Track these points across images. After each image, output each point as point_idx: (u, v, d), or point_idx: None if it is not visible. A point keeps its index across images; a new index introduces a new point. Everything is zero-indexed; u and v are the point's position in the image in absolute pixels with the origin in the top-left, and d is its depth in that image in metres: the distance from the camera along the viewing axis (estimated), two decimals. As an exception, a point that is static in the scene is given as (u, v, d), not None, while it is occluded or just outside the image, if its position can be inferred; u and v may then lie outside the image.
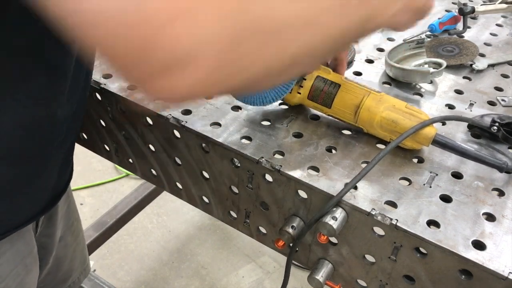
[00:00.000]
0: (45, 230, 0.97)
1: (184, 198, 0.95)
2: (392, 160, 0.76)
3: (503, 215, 0.68)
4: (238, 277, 2.07)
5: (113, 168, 2.58)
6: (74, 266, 1.17)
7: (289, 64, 0.45)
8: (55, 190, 0.87)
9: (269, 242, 0.85)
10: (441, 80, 0.98)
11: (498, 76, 1.00)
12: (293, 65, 0.46)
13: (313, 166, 0.74)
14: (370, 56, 1.05)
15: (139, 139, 0.92)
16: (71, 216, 1.10)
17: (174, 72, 0.38)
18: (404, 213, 0.67)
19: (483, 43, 1.11)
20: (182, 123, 0.82)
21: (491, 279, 0.61)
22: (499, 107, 0.91)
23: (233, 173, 0.80)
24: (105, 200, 2.41)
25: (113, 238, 1.93)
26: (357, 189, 0.71)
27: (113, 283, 1.88)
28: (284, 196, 0.76)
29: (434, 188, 0.72)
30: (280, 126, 0.83)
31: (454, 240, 0.63)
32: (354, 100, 0.78)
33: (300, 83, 0.81)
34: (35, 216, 0.84)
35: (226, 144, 0.78)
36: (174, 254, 2.16)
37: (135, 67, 0.38)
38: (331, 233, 0.68)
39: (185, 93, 0.40)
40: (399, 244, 0.67)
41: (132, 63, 0.38)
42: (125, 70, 0.39)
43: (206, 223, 2.30)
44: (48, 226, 0.97)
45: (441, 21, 1.15)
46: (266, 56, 0.42)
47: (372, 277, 0.74)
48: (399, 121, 0.75)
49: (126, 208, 1.90)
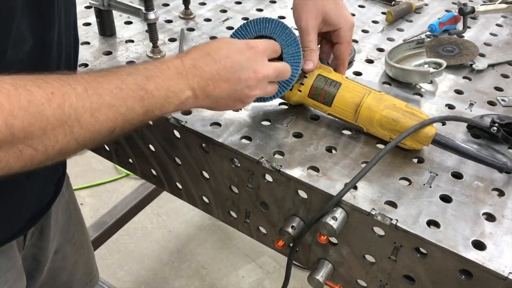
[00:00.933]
0: (36, 242, 0.95)
1: (184, 198, 0.95)
2: (392, 160, 0.76)
3: (503, 215, 0.68)
4: (238, 277, 2.07)
5: (113, 168, 2.58)
6: (76, 278, 1.16)
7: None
8: (38, 207, 0.84)
9: (269, 242, 0.85)
10: (441, 80, 0.98)
11: (498, 76, 1.00)
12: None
13: (313, 166, 0.74)
14: (370, 56, 1.05)
15: (139, 139, 0.92)
16: (72, 228, 1.08)
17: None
18: (404, 213, 0.67)
19: (483, 43, 1.11)
20: (182, 123, 0.82)
21: (491, 279, 0.61)
22: (499, 107, 0.91)
23: (233, 173, 0.80)
24: (105, 200, 2.41)
25: (113, 238, 1.93)
26: (357, 189, 0.70)
27: (113, 283, 1.88)
28: (284, 196, 0.76)
29: (434, 188, 0.72)
30: (280, 126, 0.83)
31: (454, 240, 0.63)
32: (355, 99, 0.78)
33: (301, 81, 0.81)
34: (14, 235, 0.82)
35: (226, 144, 0.78)
36: (174, 254, 2.16)
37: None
38: (331, 233, 0.68)
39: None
40: (399, 244, 0.67)
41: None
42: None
43: (206, 223, 2.30)
44: (40, 239, 0.96)
45: (441, 21, 1.15)
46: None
47: (372, 277, 0.74)
48: (399, 120, 0.75)
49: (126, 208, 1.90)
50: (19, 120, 0.48)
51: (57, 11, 0.68)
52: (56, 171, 0.88)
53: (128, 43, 1.04)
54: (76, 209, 1.11)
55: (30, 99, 0.49)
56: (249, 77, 0.68)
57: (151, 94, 0.60)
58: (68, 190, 1.06)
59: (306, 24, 0.81)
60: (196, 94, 0.65)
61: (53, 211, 0.96)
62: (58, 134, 0.52)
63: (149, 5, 0.94)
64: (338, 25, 0.82)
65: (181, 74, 0.64)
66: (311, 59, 0.79)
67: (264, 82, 0.71)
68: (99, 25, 1.05)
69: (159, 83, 0.62)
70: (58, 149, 0.53)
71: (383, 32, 1.15)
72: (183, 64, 0.65)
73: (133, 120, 0.59)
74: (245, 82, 0.68)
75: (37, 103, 0.50)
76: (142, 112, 0.60)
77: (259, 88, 0.70)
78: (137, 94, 0.59)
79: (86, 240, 1.19)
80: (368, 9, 1.25)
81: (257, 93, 0.70)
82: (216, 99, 0.67)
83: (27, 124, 0.49)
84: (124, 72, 0.60)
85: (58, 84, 0.53)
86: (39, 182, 0.81)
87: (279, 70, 0.73)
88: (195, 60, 0.66)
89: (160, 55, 0.99)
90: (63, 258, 1.08)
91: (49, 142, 0.51)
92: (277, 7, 1.23)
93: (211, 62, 0.66)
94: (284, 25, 0.78)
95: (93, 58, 0.99)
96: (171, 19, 1.14)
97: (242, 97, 0.69)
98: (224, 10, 1.19)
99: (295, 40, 0.77)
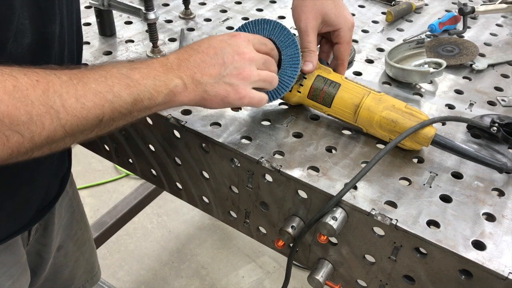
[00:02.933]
0: (40, 238, 0.96)
1: (184, 198, 0.95)
2: (392, 160, 0.76)
3: (503, 215, 0.68)
4: (238, 277, 2.07)
5: (113, 168, 2.58)
6: (77, 275, 1.16)
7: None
8: (43, 203, 0.85)
9: (269, 242, 0.85)
10: (441, 80, 0.98)
11: (498, 76, 1.00)
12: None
13: (313, 166, 0.74)
14: (370, 56, 1.05)
15: (139, 139, 0.92)
16: (75, 225, 1.09)
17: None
18: (404, 213, 0.67)
19: (483, 43, 1.11)
20: (182, 123, 0.82)
21: (491, 279, 0.61)
22: (499, 107, 0.90)
23: (233, 173, 0.80)
24: (105, 200, 2.41)
25: (113, 238, 1.93)
26: (357, 189, 0.70)
27: (113, 283, 1.89)
28: (284, 196, 0.76)
29: (434, 188, 0.72)
30: (280, 126, 0.83)
31: (454, 240, 0.63)
32: (354, 100, 0.78)
33: (300, 82, 0.81)
34: (20, 230, 0.82)
35: (226, 144, 0.78)
36: (174, 254, 2.16)
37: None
38: (331, 233, 0.68)
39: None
40: (399, 244, 0.67)
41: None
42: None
43: (206, 223, 2.30)
44: (44, 235, 0.97)
45: (441, 21, 1.15)
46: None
47: (372, 277, 0.74)
48: (398, 121, 0.75)
49: (126, 208, 1.90)
50: (3, 104, 0.48)
51: (58, 6, 0.68)
52: (62, 167, 0.89)
53: (128, 43, 1.04)
54: (79, 207, 1.12)
55: (15, 84, 0.49)
56: (233, 59, 0.68)
57: (137, 82, 0.60)
58: (72, 187, 1.07)
59: (305, 25, 0.81)
60: (185, 83, 0.65)
61: (57, 208, 0.98)
62: (44, 119, 0.51)
63: (149, 5, 0.94)
64: (338, 26, 0.82)
65: (166, 66, 0.65)
66: (310, 60, 0.79)
67: (252, 65, 0.69)
68: (99, 25, 1.05)
69: (144, 72, 0.62)
70: (45, 136, 0.52)
71: (383, 32, 1.15)
72: (168, 59, 0.66)
73: (121, 109, 0.59)
74: (231, 64, 0.67)
75: (22, 88, 0.50)
76: (130, 100, 0.60)
77: (248, 69, 0.69)
78: (123, 81, 0.59)
79: (89, 238, 1.19)
80: (368, 9, 1.25)
81: (247, 73, 0.69)
82: (206, 88, 0.67)
83: (12, 108, 0.49)
84: (109, 66, 0.61)
85: (44, 73, 0.53)
86: (46, 177, 0.82)
87: (266, 64, 0.72)
88: (178, 54, 0.67)
89: (160, 55, 0.99)
90: (65, 254, 1.08)
91: (35, 128, 0.51)
92: (277, 7, 1.23)
93: (194, 53, 0.67)
94: (283, 26, 0.78)
95: (93, 58, 0.99)
96: (171, 19, 1.14)
97: (232, 82, 0.68)
98: (224, 10, 1.19)
99: (294, 41, 0.77)
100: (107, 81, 0.58)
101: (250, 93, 0.69)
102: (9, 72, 0.50)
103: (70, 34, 0.74)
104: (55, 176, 0.87)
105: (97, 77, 0.57)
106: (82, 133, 0.56)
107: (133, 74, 0.61)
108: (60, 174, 0.89)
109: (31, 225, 0.87)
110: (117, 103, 0.58)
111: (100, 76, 0.58)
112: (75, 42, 0.78)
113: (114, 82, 0.58)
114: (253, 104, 0.71)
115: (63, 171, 0.90)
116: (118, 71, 0.60)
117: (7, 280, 0.82)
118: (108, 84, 0.58)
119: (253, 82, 0.70)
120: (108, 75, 0.59)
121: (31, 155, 0.53)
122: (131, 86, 0.60)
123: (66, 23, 0.72)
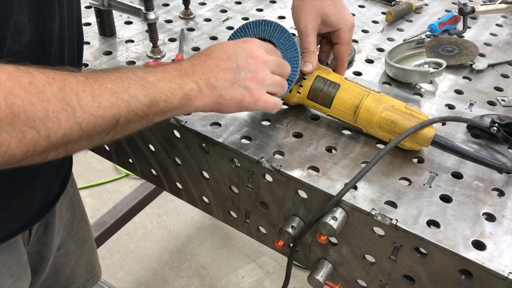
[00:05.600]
0: (41, 237, 0.96)
1: (184, 198, 0.95)
2: (392, 160, 0.76)
3: (503, 215, 0.68)
4: (238, 277, 2.07)
5: (113, 168, 2.58)
6: (77, 274, 1.16)
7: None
8: (44, 202, 0.85)
9: (269, 242, 0.85)
10: (441, 80, 0.98)
11: (498, 76, 1.00)
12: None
13: (313, 166, 0.74)
14: (370, 56, 1.05)
15: (139, 139, 0.92)
16: (75, 225, 1.09)
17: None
18: (404, 213, 0.67)
19: (483, 43, 1.11)
20: (182, 123, 0.82)
21: (491, 279, 0.61)
22: (499, 107, 0.91)
23: (233, 173, 0.80)
24: (105, 200, 2.41)
25: (113, 238, 1.93)
26: (357, 189, 0.71)
27: (113, 283, 1.89)
28: (284, 196, 0.76)
29: (434, 188, 0.72)
30: (280, 126, 0.83)
31: (454, 240, 0.63)
32: (354, 100, 0.78)
33: (300, 83, 0.81)
34: (21, 229, 0.82)
35: (226, 144, 0.78)
36: (174, 254, 2.16)
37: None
38: (331, 233, 0.68)
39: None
40: (399, 244, 0.67)
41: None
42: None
43: (206, 223, 2.30)
44: (44, 234, 0.97)
45: (441, 21, 1.15)
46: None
47: (372, 277, 0.74)
48: (398, 121, 0.75)
49: (126, 208, 1.90)
50: (19, 99, 0.47)
51: (58, 4, 0.68)
52: (64, 166, 0.89)
53: (128, 43, 1.04)
54: (80, 206, 1.12)
55: (32, 81, 0.49)
56: (247, 62, 0.68)
57: (152, 84, 0.60)
58: (73, 187, 1.07)
59: (305, 25, 0.81)
60: (200, 87, 0.65)
61: (58, 208, 0.98)
62: (61, 116, 0.51)
63: (149, 5, 0.94)
64: (338, 26, 0.82)
65: (180, 71, 0.65)
66: (310, 60, 0.79)
67: (266, 68, 0.69)
68: (99, 25, 1.05)
69: (159, 75, 0.62)
70: (62, 134, 0.51)
71: (383, 32, 1.15)
72: (181, 65, 0.66)
73: (138, 110, 0.58)
74: (245, 67, 0.68)
75: (38, 84, 0.49)
76: (146, 102, 0.59)
77: (261, 72, 0.69)
78: (139, 83, 0.59)
79: (90, 237, 1.19)
80: (368, 9, 1.25)
81: (261, 76, 0.69)
82: (222, 92, 0.66)
83: (28, 104, 0.48)
84: (124, 69, 0.61)
85: (60, 72, 0.53)
86: (48, 176, 0.82)
87: (280, 66, 0.72)
88: (192, 60, 0.67)
89: (160, 55, 0.99)
90: (65, 254, 1.08)
91: (52, 125, 0.50)
92: (277, 7, 1.23)
93: (207, 58, 0.67)
94: (283, 28, 0.78)
95: (93, 58, 0.99)
96: (171, 19, 1.14)
97: (247, 85, 0.68)
98: (224, 10, 1.19)
99: (294, 44, 0.77)
100: (123, 82, 0.58)
101: (264, 96, 0.69)
102: (25, 69, 0.50)
103: (70, 33, 0.74)
104: (56, 175, 0.87)
105: (113, 78, 0.57)
106: (98, 134, 0.56)
107: (149, 77, 0.61)
108: (61, 174, 0.89)
109: (32, 225, 0.87)
110: (133, 103, 0.58)
111: (116, 77, 0.58)
112: (75, 41, 0.78)
113: (130, 83, 0.58)
114: (268, 108, 0.71)
115: (64, 171, 0.90)
116: (133, 74, 0.60)
117: (8, 279, 0.82)
118: (124, 85, 0.57)
119: (268, 85, 0.70)
120: (123, 76, 0.58)
121: (46, 156, 0.52)
122: (147, 88, 0.59)
123: (67, 22, 0.72)
